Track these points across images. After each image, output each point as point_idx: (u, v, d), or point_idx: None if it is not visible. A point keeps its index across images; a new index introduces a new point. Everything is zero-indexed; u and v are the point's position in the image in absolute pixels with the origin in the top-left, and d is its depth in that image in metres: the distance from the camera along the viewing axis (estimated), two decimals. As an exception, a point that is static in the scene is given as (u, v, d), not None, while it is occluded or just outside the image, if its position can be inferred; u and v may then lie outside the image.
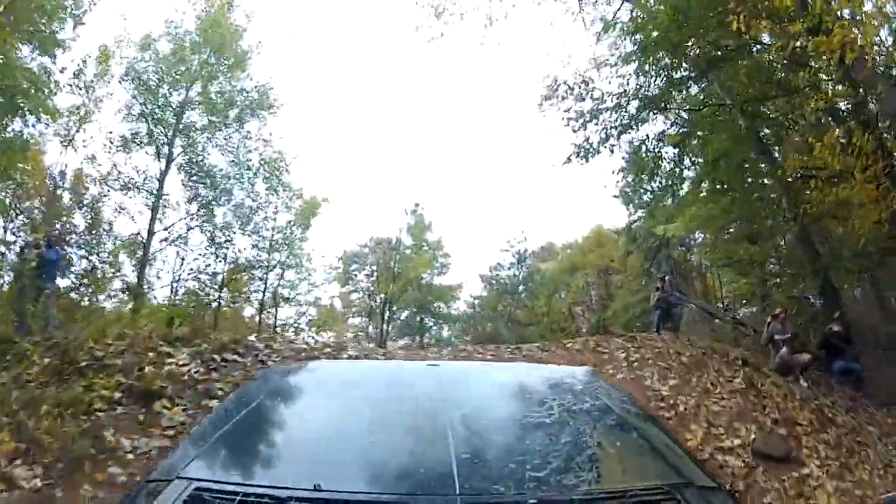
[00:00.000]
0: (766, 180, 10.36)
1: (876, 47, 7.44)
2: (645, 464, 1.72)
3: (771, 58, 8.90)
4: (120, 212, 15.30)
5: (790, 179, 8.67)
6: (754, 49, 9.33)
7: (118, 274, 15.29)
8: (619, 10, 11.53)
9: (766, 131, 10.42)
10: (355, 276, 25.09)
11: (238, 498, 1.34)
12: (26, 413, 3.83)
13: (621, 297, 20.58)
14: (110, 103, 15.38)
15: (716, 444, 5.14)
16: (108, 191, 15.30)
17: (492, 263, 26.90)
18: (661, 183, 12.01)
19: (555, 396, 2.08)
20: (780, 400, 6.88)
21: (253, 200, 16.64)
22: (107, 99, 15.16)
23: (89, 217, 15.04)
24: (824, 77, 9.04)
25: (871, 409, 7.54)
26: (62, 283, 11.95)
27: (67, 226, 14.52)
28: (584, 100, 10.92)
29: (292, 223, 17.80)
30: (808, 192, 8.49)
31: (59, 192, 15.06)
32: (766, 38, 8.83)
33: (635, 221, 19.89)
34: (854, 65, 6.93)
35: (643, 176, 12.04)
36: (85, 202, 15.19)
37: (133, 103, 15.52)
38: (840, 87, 8.15)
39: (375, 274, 23.93)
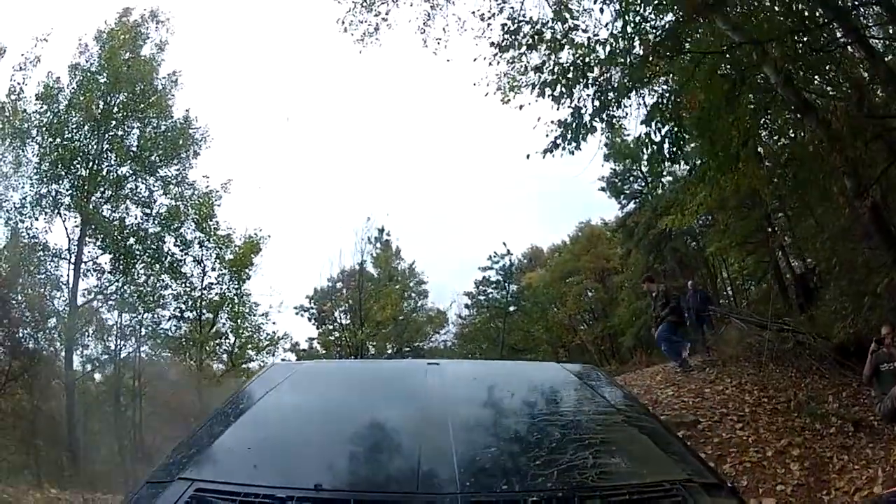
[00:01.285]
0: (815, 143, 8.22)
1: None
2: (648, 460, 1.60)
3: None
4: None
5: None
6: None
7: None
8: None
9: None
10: (332, 313, 22.69)
11: (239, 498, 1.29)
12: None
13: (626, 300, 18.63)
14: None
15: None
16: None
17: (477, 278, 24.53)
18: (684, 164, 9.30)
19: (557, 393, 2.08)
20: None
21: (181, 256, 15.08)
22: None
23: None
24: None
25: None
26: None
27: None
28: (561, 47, 7.26)
29: (225, 276, 15.93)
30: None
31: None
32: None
33: (630, 214, 18.13)
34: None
35: (662, 164, 7.78)
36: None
37: (42, 161, 13.93)
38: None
39: (353, 309, 22.02)
